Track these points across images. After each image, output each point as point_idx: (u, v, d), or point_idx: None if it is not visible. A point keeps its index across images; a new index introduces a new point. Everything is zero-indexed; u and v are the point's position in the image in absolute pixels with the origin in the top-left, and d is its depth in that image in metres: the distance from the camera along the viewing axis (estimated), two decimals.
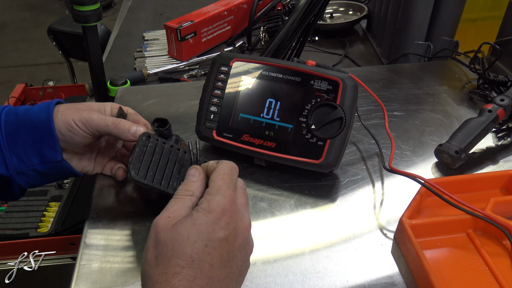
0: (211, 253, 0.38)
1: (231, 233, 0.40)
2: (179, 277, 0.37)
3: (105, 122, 0.54)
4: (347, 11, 1.28)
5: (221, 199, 0.41)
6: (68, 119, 0.53)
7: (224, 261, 0.39)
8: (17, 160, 0.53)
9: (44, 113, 0.53)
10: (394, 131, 0.70)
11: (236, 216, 0.41)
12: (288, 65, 0.61)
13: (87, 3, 0.73)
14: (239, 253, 0.41)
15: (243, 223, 0.42)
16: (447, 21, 0.94)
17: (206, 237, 0.39)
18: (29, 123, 0.52)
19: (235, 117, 0.63)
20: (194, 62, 1.09)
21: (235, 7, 1.18)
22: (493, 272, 0.47)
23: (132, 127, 0.54)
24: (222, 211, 0.40)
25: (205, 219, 0.40)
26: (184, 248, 0.38)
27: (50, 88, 1.58)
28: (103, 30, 1.47)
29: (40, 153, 0.53)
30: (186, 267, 0.37)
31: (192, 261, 0.38)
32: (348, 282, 0.49)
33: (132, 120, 0.60)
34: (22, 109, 0.54)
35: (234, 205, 0.42)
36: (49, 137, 0.53)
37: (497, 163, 0.65)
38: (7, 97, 1.49)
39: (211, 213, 0.40)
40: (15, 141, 0.52)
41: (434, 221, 0.51)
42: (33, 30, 3.68)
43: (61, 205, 1.07)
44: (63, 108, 0.54)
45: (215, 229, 0.39)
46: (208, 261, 0.38)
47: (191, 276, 0.37)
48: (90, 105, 0.56)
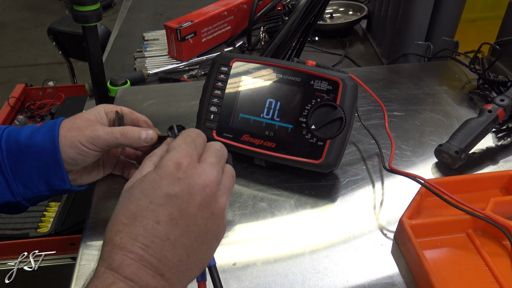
0: (156, 210, 0.36)
1: (183, 190, 0.37)
2: (121, 235, 0.35)
3: (113, 135, 0.52)
4: (347, 11, 1.28)
5: (174, 154, 0.38)
6: (74, 142, 0.51)
7: (174, 218, 0.36)
8: (24, 188, 0.52)
9: (49, 142, 0.51)
10: (394, 131, 0.70)
11: (192, 172, 0.38)
12: (288, 65, 0.61)
13: (87, 3, 0.73)
14: (198, 211, 0.37)
15: (203, 179, 0.38)
16: (447, 21, 0.94)
17: (152, 193, 0.36)
18: (34, 152, 0.51)
19: (235, 117, 0.63)
20: (194, 62, 1.09)
21: (235, 7, 1.18)
22: (493, 272, 0.47)
23: (141, 133, 0.54)
24: (174, 166, 0.37)
25: (153, 175, 0.37)
26: (129, 205, 0.36)
27: (50, 88, 1.58)
28: (103, 30, 1.47)
29: (47, 181, 0.52)
30: (128, 224, 0.35)
31: (134, 218, 0.36)
32: (348, 282, 0.49)
33: (130, 119, 0.59)
34: (24, 135, 0.52)
35: (191, 161, 0.38)
36: (56, 167, 0.51)
37: (497, 163, 0.65)
38: (7, 97, 1.49)
39: (161, 169, 0.38)
40: (19, 170, 0.51)
41: (434, 221, 0.51)
42: (33, 30, 3.68)
43: (61, 205, 1.07)
44: (65, 131, 0.52)
45: (162, 185, 0.37)
46: (153, 218, 0.35)
47: (133, 233, 0.35)
48: (87, 118, 0.54)
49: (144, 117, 0.60)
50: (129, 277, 0.34)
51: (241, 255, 0.52)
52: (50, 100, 1.57)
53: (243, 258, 0.52)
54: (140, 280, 0.34)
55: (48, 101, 1.57)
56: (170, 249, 0.35)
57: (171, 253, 0.35)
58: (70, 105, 1.50)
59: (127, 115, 0.59)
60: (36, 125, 0.54)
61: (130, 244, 0.35)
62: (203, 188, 0.38)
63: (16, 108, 1.47)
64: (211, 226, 0.38)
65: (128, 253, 0.34)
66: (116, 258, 0.34)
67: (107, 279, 0.34)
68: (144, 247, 0.35)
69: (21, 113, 1.49)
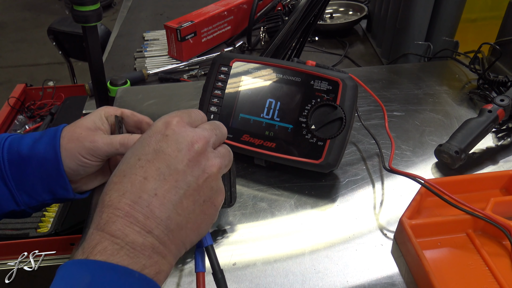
0: (144, 166, 0.36)
1: (170, 145, 0.37)
2: (110, 193, 0.35)
3: (112, 146, 0.51)
4: (347, 11, 1.28)
5: (166, 116, 0.39)
6: (75, 154, 0.50)
7: (162, 174, 0.36)
8: (28, 198, 0.52)
9: (50, 153, 0.50)
10: (394, 131, 0.70)
11: (180, 130, 0.38)
12: (288, 65, 0.61)
13: (87, 3, 0.73)
14: (187, 168, 0.37)
15: (191, 136, 0.38)
16: (447, 21, 0.94)
17: (140, 150, 0.37)
18: (36, 163, 0.50)
19: (235, 117, 0.63)
20: (194, 62, 1.09)
21: (235, 7, 1.18)
22: (493, 272, 0.47)
23: None
24: (163, 125, 0.38)
25: (143, 135, 0.38)
26: (121, 166, 0.37)
27: (50, 88, 1.58)
28: (103, 30, 1.47)
29: (51, 191, 0.52)
30: (118, 182, 0.36)
31: (124, 175, 0.36)
32: (348, 282, 0.49)
33: (132, 122, 0.57)
34: (25, 146, 0.51)
35: (180, 120, 0.39)
36: (59, 178, 0.51)
37: (497, 163, 0.65)
38: (7, 97, 1.49)
39: (151, 129, 0.38)
40: (23, 180, 0.51)
41: (434, 221, 0.51)
42: (33, 30, 3.68)
43: (61, 205, 1.07)
44: (65, 142, 0.51)
45: (151, 142, 0.37)
46: (141, 174, 0.36)
47: (121, 190, 0.35)
48: (87, 127, 0.53)
49: (147, 119, 0.58)
50: (114, 234, 0.33)
51: (241, 255, 0.52)
52: (50, 100, 1.57)
53: (243, 258, 0.52)
54: (125, 236, 0.33)
55: (48, 101, 1.57)
56: (157, 205, 0.35)
57: (159, 209, 0.35)
58: (70, 105, 1.50)
59: (129, 117, 0.57)
60: (38, 134, 0.53)
61: (117, 201, 0.34)
62: (191, 144, 0.37)
63: (16, 108, 1.47)
64: (203, 186, 0.37)
65: (115, 210, 0.34)
66: (103, 217, 0.34)
67: (93, 239, 0.33)
68: (130, 203, 0.34)
69: (21, 113, 1.49)
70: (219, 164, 0.39)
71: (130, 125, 0.57)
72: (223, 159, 0.40)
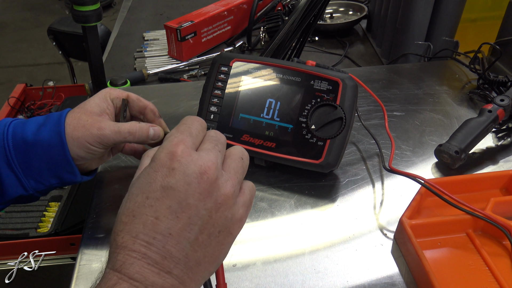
0: (154, 205, 0.34)
1: (179, 180, 0.34)
2: (122, 234, 0.34)
3: (120, 135, 0.52)
4: (347, 11, 1.28)
5: (167, 144, 0.36)
6: (83, 142, 0.51)
7: (174, 212, 0.34)
8: (35, 183, 0.52)
9: (55, 140, 0.50)
10: (394, 131, 0.70)
11: (186, 160, 0.35)
12: (288, 65, 0.61)
13: (87, 3, 0.73)
14: (199, 202, 0.35)
15: (199, 167, 0.35)
16: (447, 21, 0.94)
17: (147, 188, 0.35)
18: (41, 149, 0.50)
19: (235, 117, 0.63)
20: (194, 62, 1.09)
21: (235, 7, 1.18)
22: (493, 272, 0.47)
23: (149, 130, 0.53)
24: (167, 157, 0.35)
25: (147, 169, 0.36)
26: (127, 203, 0.35)
27: (50, 88, 1.58)
28: (103, 30, 1.47)
29: (58, 176, 0.52)
30: (128, 223, 0.34)
31: (133, 216, 0.34)
32: (348, 282, 0.49)
33: (137, 107, 0.58)
34: (30, 131, 0.51)
35: (185, 148, 0.36)
36: (65, 163, 0.51)
37: (497, 163, 0.65)
38: (7, 97, 1.48)
39: (154, 161, 0.36)
40: (29, 166, 0.51)
41: (434, 221, 0.51)
42: (33, 30, 3.68)
43: (61, 205, 1.07)
44: (71, 129, 0.51)
45: (157, 178, 0.35)
46: (151, 214, 0.34)
47: (133, 231, 0.34)
48: (92, 111, 0.53)
49: (152, 105, 0.58)
50: (133, 276, 0.32)
51: (241, 255, 0.52)
52: (50, 100, 1.57)
53: (243, 258, 0.52)
54: (145, 279, 0.32)
55: (48, 101, 1.57)
56: (173, 244, 0.34)
57: (175, 248, 0.34)
58: (70, 105, 1.49)
59: (134, 101, 0.57)
60: (41, 119, 0.53)
61: (132, 242, 0.33)
62: (200, 176, 0.35)
63: (16, 108, 1.47)
64: (217, 217, 0.36)
65: (130, 252, 0.33)
66: (119, 258, 0.33)
67: (110, 280, 0.33)
68: (146, 244, 0.33)
69: (21, 113, 1.49)
70: (232, 189, 0.37)
71: (134, 110, 0.58)
72: (235, 177, 0.38)
